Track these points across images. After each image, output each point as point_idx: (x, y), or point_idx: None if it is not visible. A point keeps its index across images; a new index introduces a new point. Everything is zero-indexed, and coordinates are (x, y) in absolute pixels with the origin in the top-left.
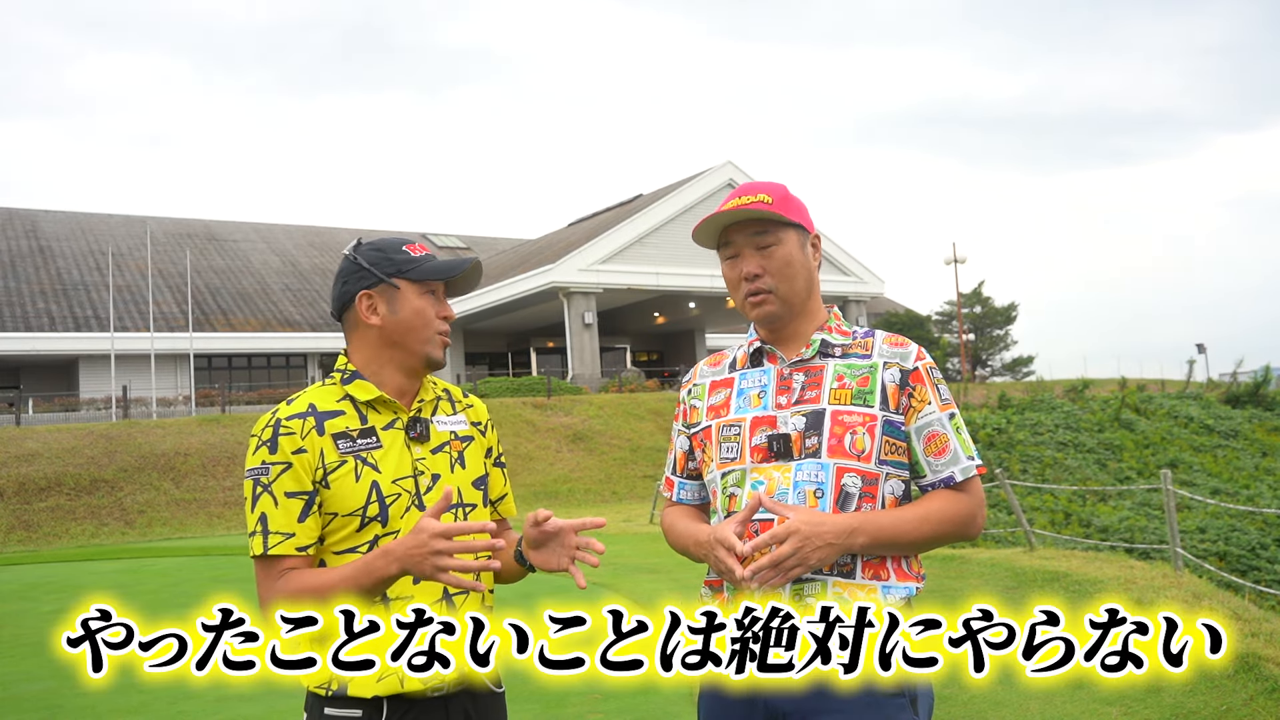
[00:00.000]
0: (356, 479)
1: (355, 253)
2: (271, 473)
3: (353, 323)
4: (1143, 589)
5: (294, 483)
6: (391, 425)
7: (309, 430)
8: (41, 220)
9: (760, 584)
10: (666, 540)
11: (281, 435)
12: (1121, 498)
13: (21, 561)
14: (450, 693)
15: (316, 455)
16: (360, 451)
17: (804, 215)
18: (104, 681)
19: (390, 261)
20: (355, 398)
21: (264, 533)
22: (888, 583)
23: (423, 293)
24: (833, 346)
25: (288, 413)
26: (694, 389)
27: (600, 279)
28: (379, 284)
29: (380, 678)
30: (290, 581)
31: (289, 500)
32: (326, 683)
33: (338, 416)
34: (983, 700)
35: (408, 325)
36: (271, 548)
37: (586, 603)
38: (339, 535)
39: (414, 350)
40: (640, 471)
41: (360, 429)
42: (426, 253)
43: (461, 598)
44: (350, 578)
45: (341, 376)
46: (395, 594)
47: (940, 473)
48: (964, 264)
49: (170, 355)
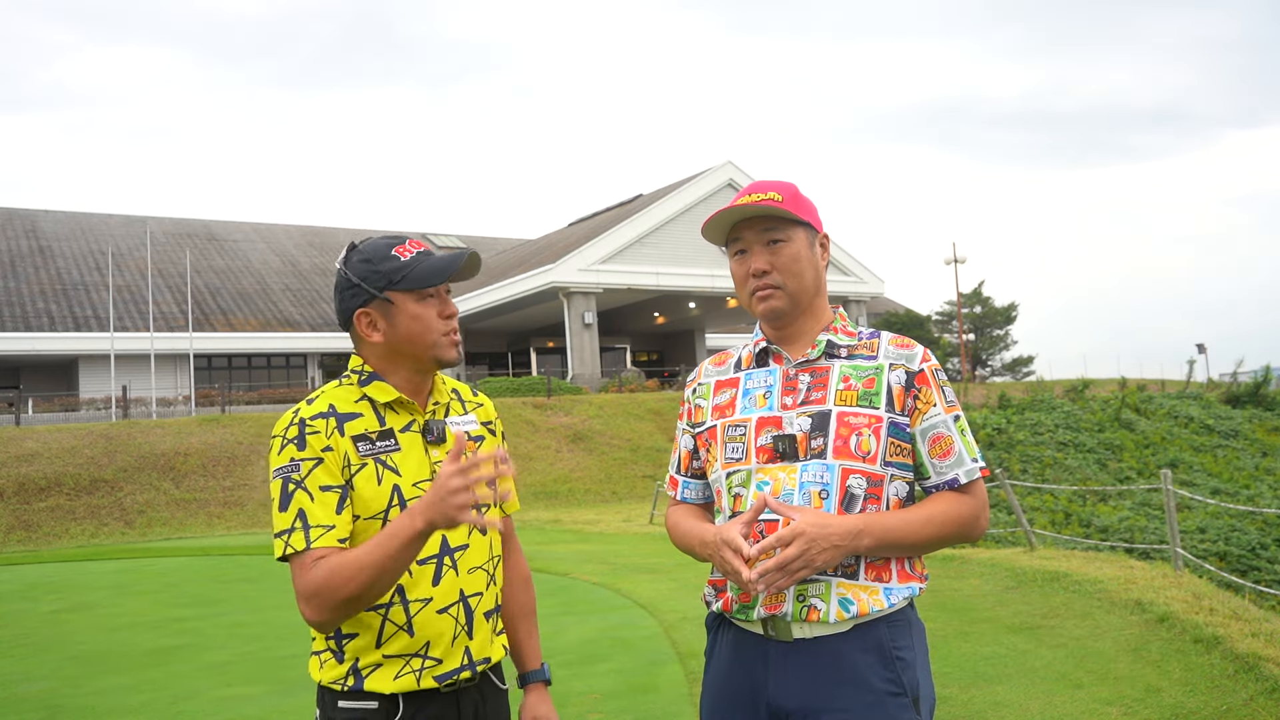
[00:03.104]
0: (379, 482)
1: (346, 266)
2: (303, 469)
3: (358, 336)
4: (1143, 589)
5: (328, 476)
6: (409, 428)
7: (332, 430)
8: (41, 220)
9: (766, 586)
10: (671, 538)
11: (309, 434)
12: (1121, 498)
13: (21, 561)
14: (462, 689)
15: (341, 455)
16: (380, 454)
17: (813, 214)
18: (104, 681)
19: (379, 274)
20: (374, 399)
21: (305, 527)
22: (890, 584)
23: (420, 298)
24: (839, 347)
25: (310, 412)
26: (699, 388)
27: (600, 279)
28: (373, 300)
29: (398, 674)
30: (322, 567)
31: (325, 494)
32: (342, 678)
33: (357, 419)
34: (983, 700)
35: (410, 335)
36: (315, 541)
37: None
38: (360, 539)
39: (422, 355)
40: (640, 471)
41: (379, 431)
42: (420, 250)
43: (476, 600)
44: (378, 547)
45: (359, 377)
46: (414, 595)
47: (945, 474)
48: (964, 264)
49: (170, 355)
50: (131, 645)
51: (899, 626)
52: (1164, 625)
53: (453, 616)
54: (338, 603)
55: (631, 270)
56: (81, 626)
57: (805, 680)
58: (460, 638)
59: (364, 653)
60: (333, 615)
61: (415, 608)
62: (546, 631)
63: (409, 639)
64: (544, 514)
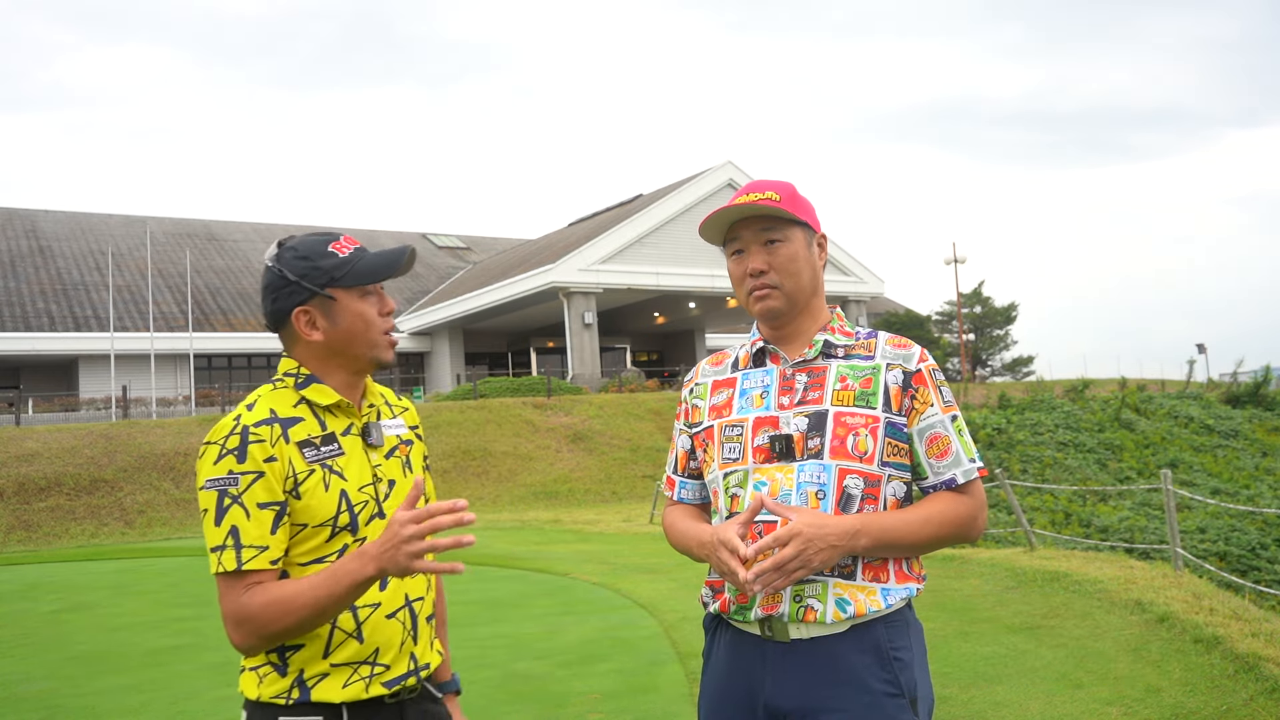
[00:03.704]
0: (326, 488)
1: (279, 264)
2: (242, 483)
3: (292, 336)
4: (1143, 589)
5: (266, 493)
6: (348, 431)
7: (277, 438)
8: (41, 220)
9: (763, 587)
10: (668, 539)
11: (251, 443)
12: (1121, 498)
13: (21, 561)
14: (406, 699)
15: (286, 464)
16: (326, 460)
17: (811, 214)
18: (104, 681)
19: (319, 271)
20: (313, 402)
21: (237, 547)
22: (888, 584)
23: (361, 295)
24: (836, 347)
25: (252, 419)
26: (696, 388)
27: (600, 279)
28: (313, 297)
29: (347, 682)
30: (259, 595)
31: (261, 511)
32: (286, 691)
33: (299, 424)
34: (983, 700)
35: (352, 333)
36: (246, 562)
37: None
38: (307, 546)
39: (362, 355)
40: (640, 471)
41: (322, 435)
42: (356, 248)
43: (420, 604)
44: (322, 585)
45: (295, 380)
46: (363, 601)
47: (942, 475)
48: (964, 264)
49: (170, 355)
50: (131, 645)
51: (896, 627)
52: (1164, 625)
53: (400, 621)
54: (269, 634)
55: (631, 270)
56: (81, 626)
57: (803, 681)
58: (407, 643)
59: (310, 663)
60: (260, 644)
61: (364, 613)
62: (547, 631)
63: (359, 646)
64: (544, 514)
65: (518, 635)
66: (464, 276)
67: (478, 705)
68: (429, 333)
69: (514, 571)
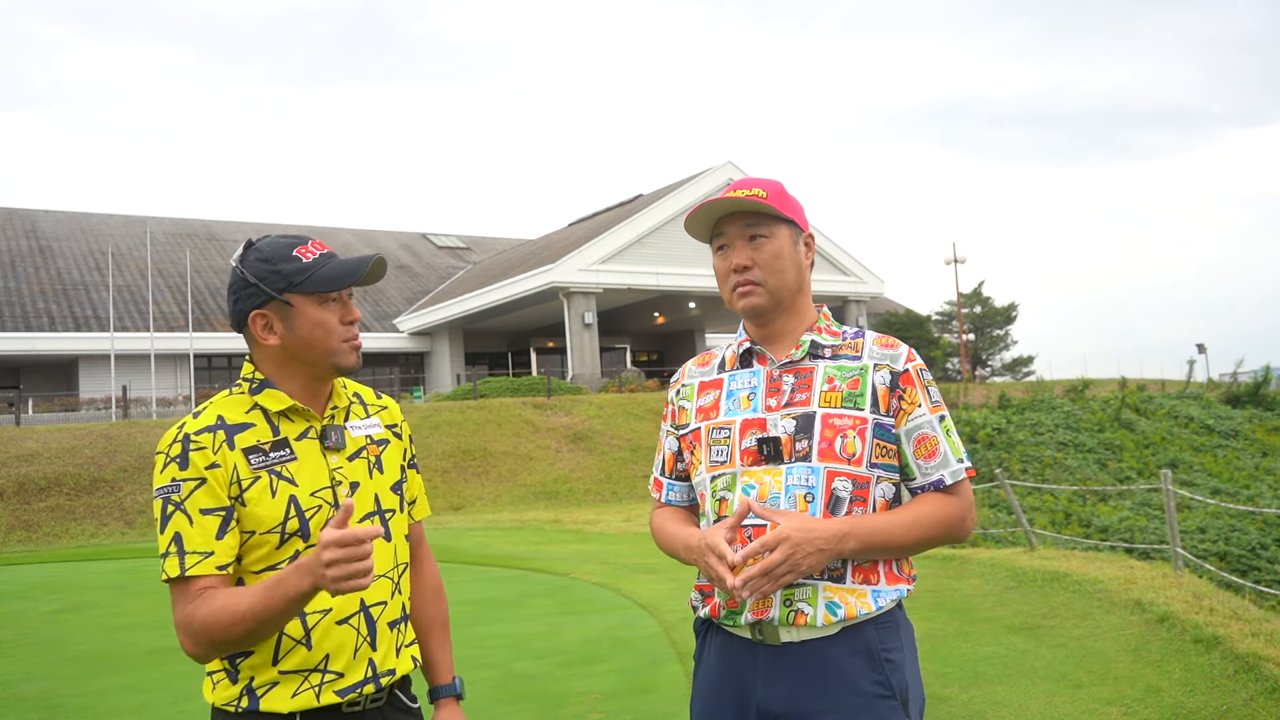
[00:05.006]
0: (273, 494)
1: (242, 265)
2: (184, 489)
3: (252, 339)
4: (1143, 589)
5: (209, 499)
6: (305, 435)
7: (219, 445)
8: (41, 220)
9: (751, 593)
10: (655, 542)
11: (192, 451)
12: (1121, 498)
13: (21, 561)
14: (366, 708)
15: (230, 471)
16: (274, 465)
17: (798, 213)
18: (104, 681)
19: (279, 275)
20: (266, 408)
21: (180, 553)
22: (878, 586)
23: (322, 302)
24: (823, 348)
25: (195, 427)
26: (682, 389)
27: (600, 279)
28: (270, 301)
29: (296, 691)
30: (206, 603)
31: (205, 517)
32: (235, 699)
33: (247, 430)
34: (983, 700)
35: (309, 340)
36: (189, 568)
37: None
38: (258, 553)
39: (320, 362)
40: (640, 471)
41: (272, 441)
42: (323, 253)
43: (379, 609)
44: (265, 596)
45: (250, 385)
46: (312, 607)
47: (930, 475)
48: (964, 264)
49: (170, 355)
50: (131, 645)
51: (887, 628)
52: (1164, 625)
53: (353, 627)
54: (217, 642)
55: (631, 270)
56: (81, 626)
57: (794, 684)
58: (363, 649)
59: (259, 670)
60: (210, 651)
61: (313, 619)
62: (547, 631)
63: (307, 653)
64: (544, 514)
65: (518, 635)
66: (464, 276)
67: (478, 705)
68: (429, 333)
69: (514, 571)
